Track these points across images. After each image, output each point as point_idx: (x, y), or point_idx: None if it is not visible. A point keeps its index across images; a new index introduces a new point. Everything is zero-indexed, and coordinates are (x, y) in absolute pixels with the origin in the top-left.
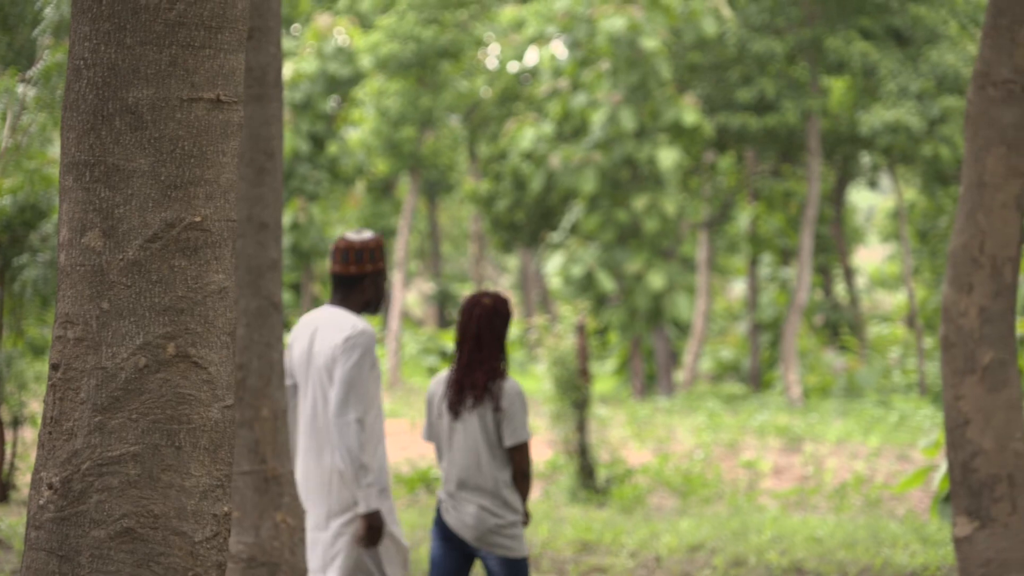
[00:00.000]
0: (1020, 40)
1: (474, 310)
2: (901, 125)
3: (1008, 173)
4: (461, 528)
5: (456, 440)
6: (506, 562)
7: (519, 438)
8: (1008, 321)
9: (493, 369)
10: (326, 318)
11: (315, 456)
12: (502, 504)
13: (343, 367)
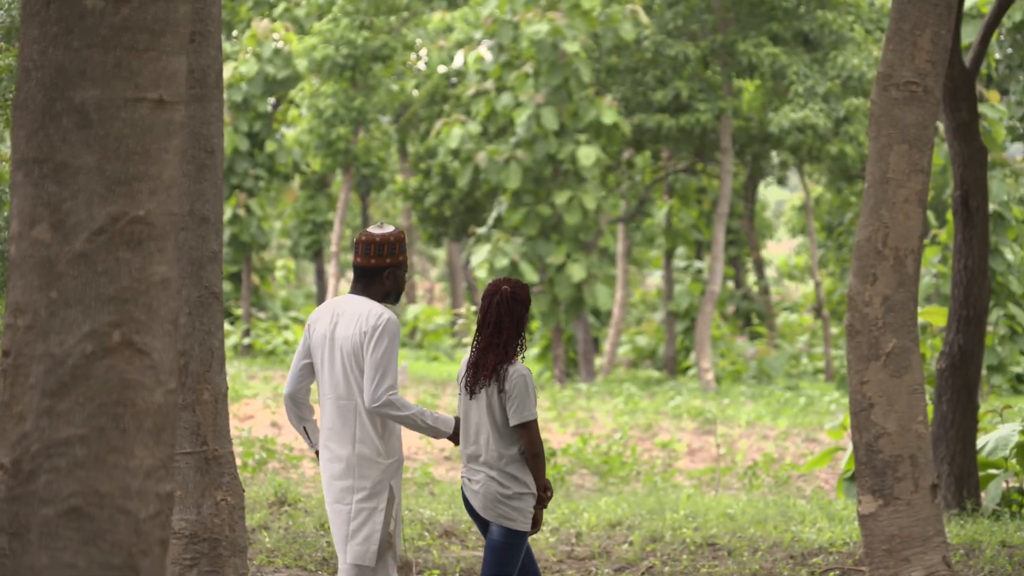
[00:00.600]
0: (921, 44)
1: (495, 297)
2: (808, 125)
3: (910, 170)
4: (472, 497)
5: (471, 417)
6: (506, 532)
7: (523, 418)
8: (910, 310)
9: (506, 353)
10: (349, 307)
11: (338, 435)
12: (508, 476)
13: (374, 354)
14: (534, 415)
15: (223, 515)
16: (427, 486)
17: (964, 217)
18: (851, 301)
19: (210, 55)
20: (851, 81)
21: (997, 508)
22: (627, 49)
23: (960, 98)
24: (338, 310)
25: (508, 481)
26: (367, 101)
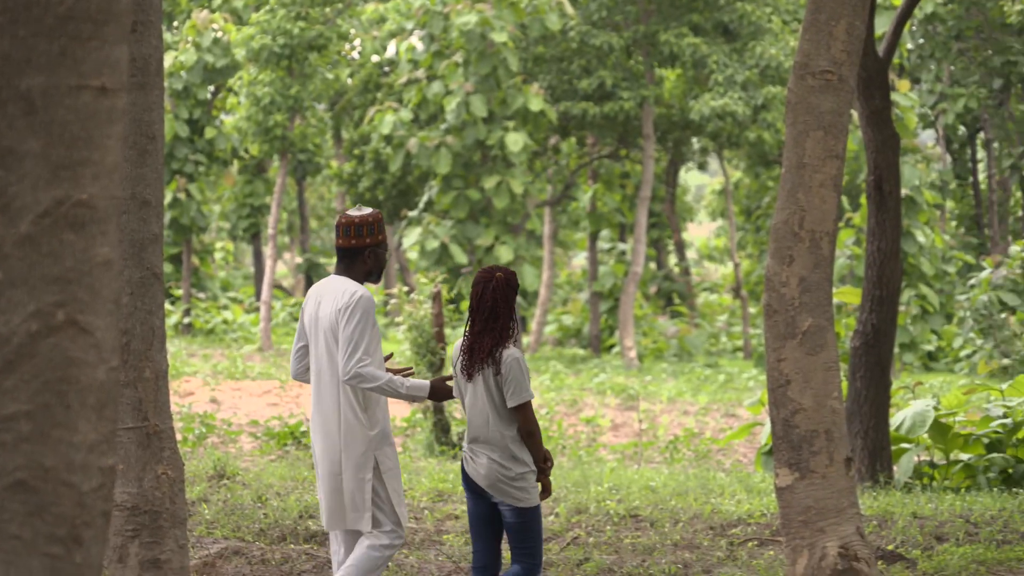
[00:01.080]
0: (836, 34)
1: (489, 283)
2: (728, 112)
3: (825, 155)
4: (477, 477)
5: (470, 399)
6: (517, 511)
7: (520, 399)
8: (825, 290)
9: (501, 337)
10: (331, 287)
11: (325, 410)
12: (510, 457)
13: (346, 329)
14: (530, 396)
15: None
16: None
17: (877, 201)
18: (768, 282)
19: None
20: (769, 70)
21: (909, 481)
22: (553, 39)
23: (874, 86)
24: (322, 291)
25: (510, 462)
26: (303, 89)
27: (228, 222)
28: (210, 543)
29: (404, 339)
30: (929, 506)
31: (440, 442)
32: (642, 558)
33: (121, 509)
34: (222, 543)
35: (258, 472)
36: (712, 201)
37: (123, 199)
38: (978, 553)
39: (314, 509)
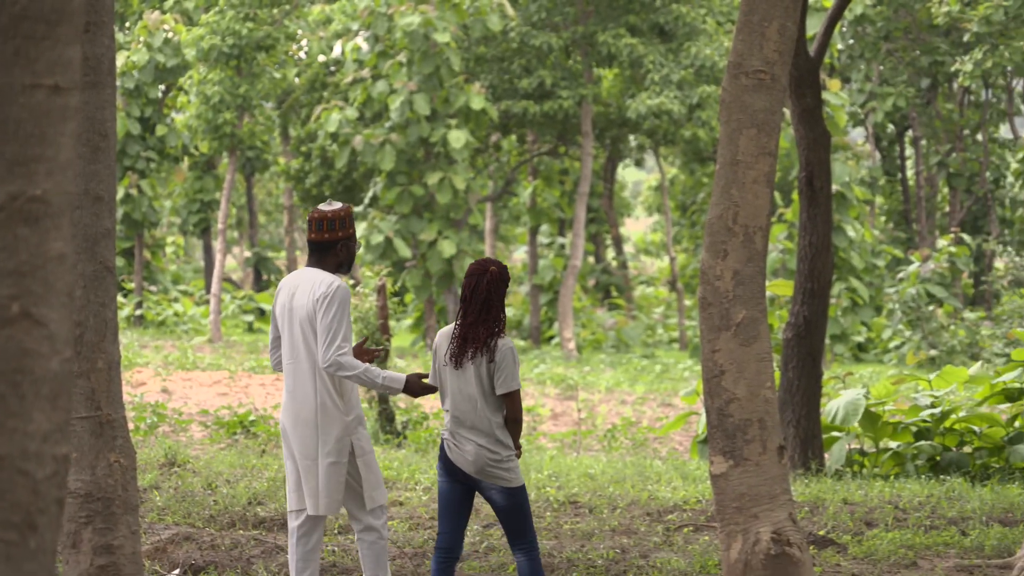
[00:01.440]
0: (769, 35)
1: (484, 276)
2: (664, 111)
3: (759, 152)
4: (463, 463)
5: (456, 387)
6: (507, 492)
7: (510, 387)
8: (759, 283)
9: (494, 327)
10: (305, 278)
11: (301, 396)
12: (496, 442)
13: (324, 318)
14: (519, 384)
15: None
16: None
17: (809, 197)
18: (703, 275)
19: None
20: (703, 70)
21: (840, 469)
22: (494, 39)
23: (805, 85)
24: (295, 282)
25: (496, 447)
26: (251, 88)
27: (179, 217)
28: (161, 529)
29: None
30: (859, 493)
31: (385, 431)
32: (581, 543)
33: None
34: (173, 529)
35: (208, 460)
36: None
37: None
38: (906, 538)
39: (263, 496)
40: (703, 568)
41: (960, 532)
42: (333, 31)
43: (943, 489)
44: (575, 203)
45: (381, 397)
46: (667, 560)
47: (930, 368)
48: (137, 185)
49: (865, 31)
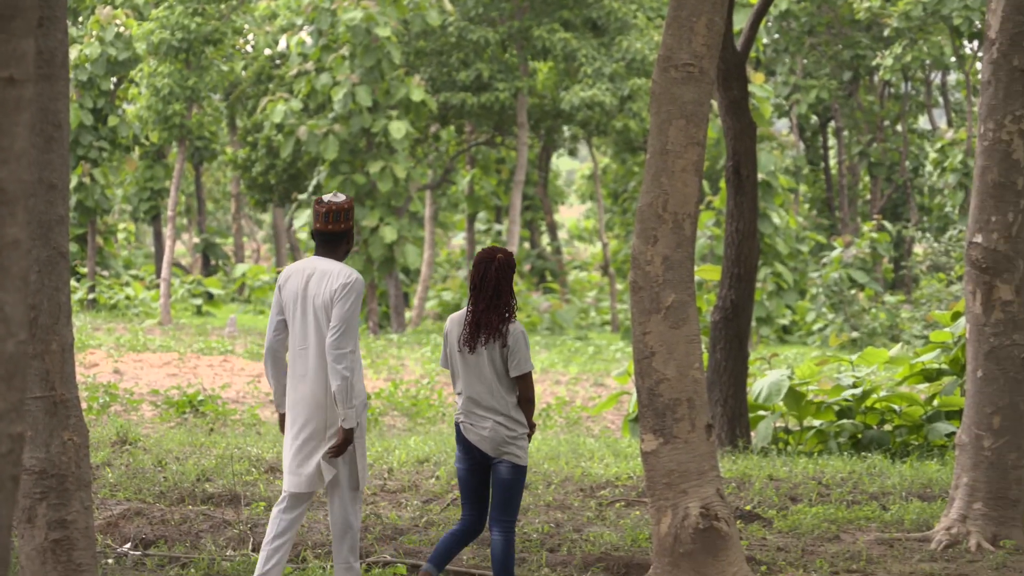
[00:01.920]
0: (697, 30)
1: (491, 264)
2: (596, 102)
3: (687, 142)
4: (480, 441)
5: (471, 370)
6: (514, 468)
7: (523, 369)
8: (687, 268)
9: (505, 313)
10: (321, 267)
11: (312, 379)
12: (512, 420)
13: (342, 308)
14: (531, 367)
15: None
16: (254, 427)
17: (736, 185)
18: (635, 260)
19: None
20: (634, 63)
21: (766, 446)
22: (434, 34)
23: (732, 78)
24: (308, 270)
25: (512, 424)
26: (200, 80)
27: (130, 205)
28: (113, 504)
29: None
30: (784, 469)
31: None
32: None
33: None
34: (124, 504)
35: (158, 438)
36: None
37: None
38: (829, 513)
39: (211, 473)
40: (634, 542)
41: (881, 507)
42: (278, 26)
43: (864, 465)
44: (511, 191)
45: None
46: (600, 534)
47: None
48: (90, 174)
49: (790, 26)
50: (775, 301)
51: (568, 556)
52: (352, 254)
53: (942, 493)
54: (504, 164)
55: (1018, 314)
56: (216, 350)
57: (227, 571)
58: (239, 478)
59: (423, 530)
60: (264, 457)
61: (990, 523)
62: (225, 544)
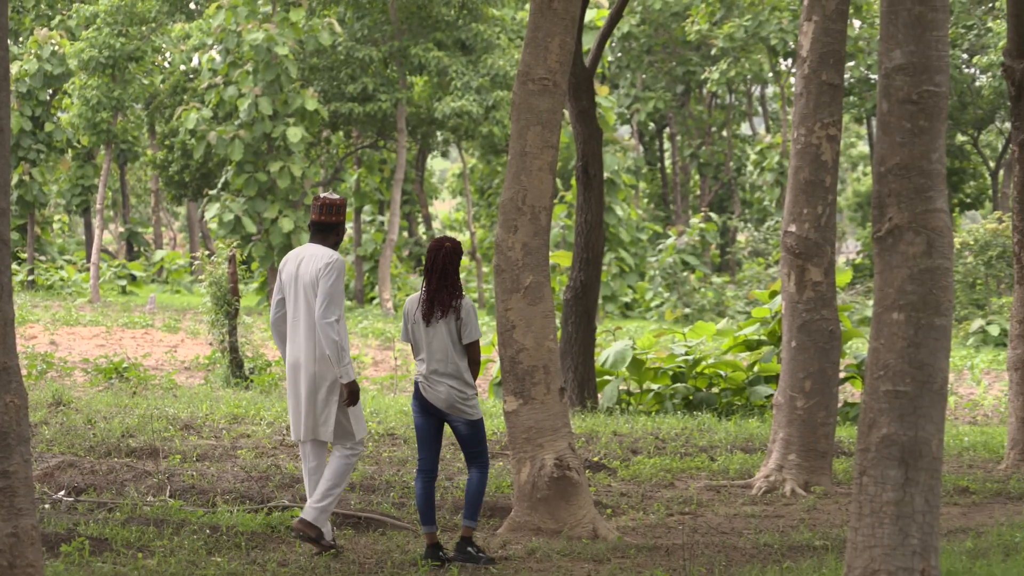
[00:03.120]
0: (551, 49)
1: (440, 251)
2: (465, 111)
3: (543, 145)
4: (436, 401)
5: (429, 340)
6: (470, 423)
7: (473, 337)
8: (543, 254)
9: (455, 291)
10: (310, 252)
11: (305, 345)
12: (464, 383)
13: (325, 284)
14: (480, 335)
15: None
16: (171, 390)
17: (584, 182)
18: (498, 247)
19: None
20: (498, 78)
21: (611, 406)
22: (325, 52)
23: (581, 91)
24: (302, 255)
25: (463, 387)
26: (124, 92)
27: (64, 199)
28: (49, 457)
29: (206, 293)
30: (627, 426)
31: (235, 375)
32: (397, 468)
33: None
34: (59, 457)
35: (88, 400)
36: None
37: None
38: (665, 463)
39: (134, 430)
40: (498, 488)
41: (709, 458)
42: (192, 45)
43: (695, 423)
44: (392, 188)
45: (232, 347)
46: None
47: (684, 323)
48: (29, 172)
49: (631, 46)
50: (619, 282)
51: (441, 501)
52: (255, 241)
53: (761, 446)
54: (386, 164)
55: (826, 293)
56: (138, 324)
57: (147, 515)
58: (158, 435)
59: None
60: (180, 416)
61: (802, 472)
62: (146, 491)
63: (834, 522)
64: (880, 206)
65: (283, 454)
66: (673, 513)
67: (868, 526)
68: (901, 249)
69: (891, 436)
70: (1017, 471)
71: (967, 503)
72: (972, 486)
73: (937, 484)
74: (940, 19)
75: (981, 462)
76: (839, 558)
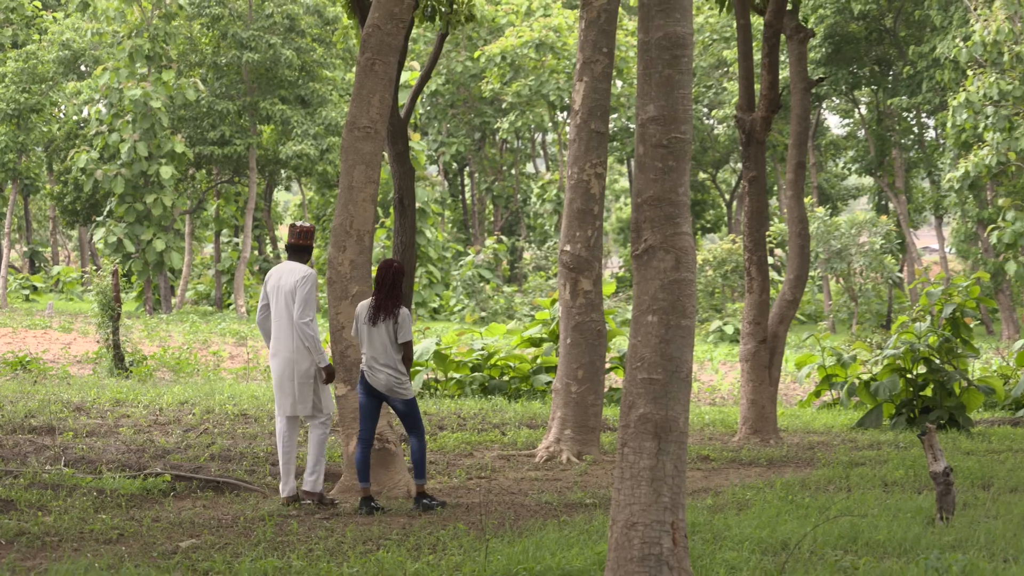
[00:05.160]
0: (373, 103)
1: (389, 270)
2: (304, 154)
3: (366, 181)
4: (377, 385)
5: (373, 337)
6: (404, 401)
7: (406, 338)
8: (367, 268)
9: (397, 301)
10: (289, 267)
11: (285, 340)
12: (397, 371)
13: (302, 292)
14: (411, 337)
15: None
16: (66, 379)
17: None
18: (330, 263)
19: None
20: (331, 126)
21: (421, 391)
22: (191, 105)
23: (398, 136)
24: (283, 270)
25: (398, 374)
26: (27, 137)
27: None
28: None
29: (94, 300)
30: (434, 407)
31: (117, 367)
32: (249, 442)
33: None
34: None
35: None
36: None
37: None
38: (465, 437)
39: (35, 412)
40: (331, 458)
41: (501, 432)
42: (82, 99)
43: (490, 404)
44: (245, 215)
45: (115, 344)
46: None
47: (481, 324)
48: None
49: (438, 101)
50: (428, 291)
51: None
52: (134, 259)
53: (543, 423)
54: (240, 196)
55: (595, 300)
56: (39, 326)
57: (46, 480)
58: (54, 415)
59: (183, 450)
60: (72, 400)
61: (576, 444)
62: (44, 461)
63: (601, 484)
64: (637, 230)
65: (155, 431)
66: (472, 477)
67: (628, 487)
68: (654, 264)
69: (647, 415)
70: (747, 443)
71: (708, 468)
72: (712, 455)
73: (683, 453)
74: (685, 80)
75: (719, 435)
76: (605, 513)
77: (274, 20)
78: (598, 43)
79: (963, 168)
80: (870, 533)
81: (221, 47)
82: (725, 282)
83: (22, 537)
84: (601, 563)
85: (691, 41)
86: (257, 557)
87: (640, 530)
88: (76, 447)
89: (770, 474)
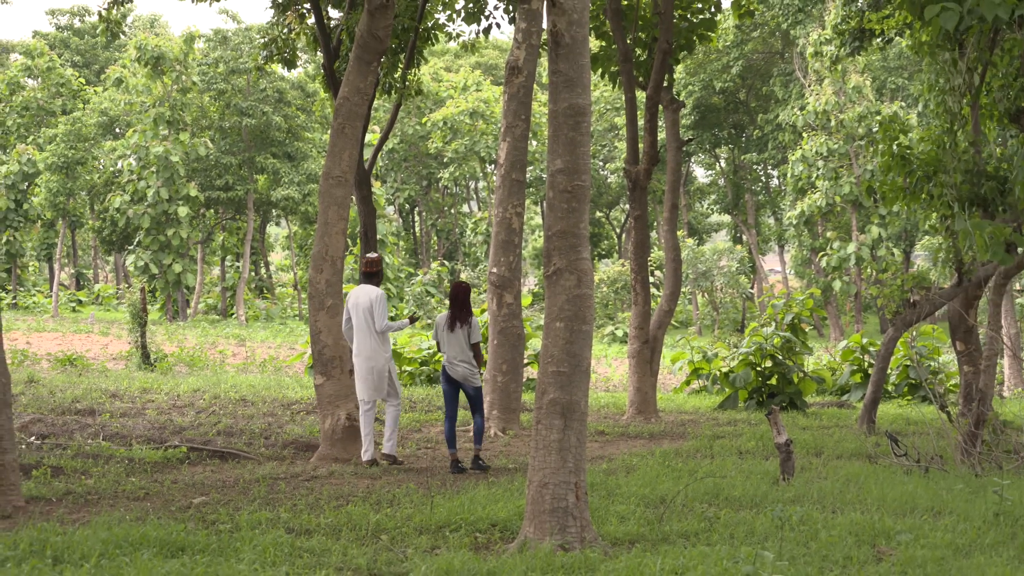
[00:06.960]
0: (344, 157)
1: (460, 288)
2: (291, 197)
3: (338, 219)
4: (456, 376)
5: (451, 341)
6: (475, 388)
7: (477, 339)
8: (339, 286)
9: (468, 313)
10: (365, 290)
11: (365, 345)
12: (472, 365)
13: (377, 308)
14: (480, 338)
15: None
16: (104, 373)
17: (364, 241)
18: (311, 282)
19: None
20: (312, 175)
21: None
22: (203, 159)
23: (363, 183)
24: (359, 292)
25: (472, 367)
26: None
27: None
28: (25, 416)
29: (126, 311)
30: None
31: (144, 363)
32: (247, 420)
33: None
34: (30, 416)
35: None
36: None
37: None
38: (416, 417)
39: (80, 398)
40: (311, 433)
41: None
42: (117, 155)
43: (434, 391)
44: (244, 244)
45: (143, 345)
46: (292, 429)
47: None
48: (12, 236)
49: (394, 156)
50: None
51: (275, 441)
52: (158, 278)
53: None
54: (240, 230)
55: (516, 310)
56: (83, 331)
57: (87, 451)
58: (95, 400)
59: (196, 428)
60: (109, 388)
61: (501, 421)
62: (87, 437)
63: (521, 453)
64: (548, 256)
65: (174, 412)
66: (420, 448)
67: (542, 455)
68: (561, 283)
69: (556, 399)
70: (634, 421)
71: (603, 440)
72: (606, 430)
73: (584, 429)
74: (585, 140)
75: (612, 415)
76: (524, 475)
77: (267, 93)
78: (518, 112)
79: (800, 208)
80: (729, 490)
81: (226, 114)
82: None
83: (69, 496)
84: (520, 514)
85: (589, 110)
86: (253, 511)
87: (551, 488)
88: (111, 425)
89: (651, 445)
